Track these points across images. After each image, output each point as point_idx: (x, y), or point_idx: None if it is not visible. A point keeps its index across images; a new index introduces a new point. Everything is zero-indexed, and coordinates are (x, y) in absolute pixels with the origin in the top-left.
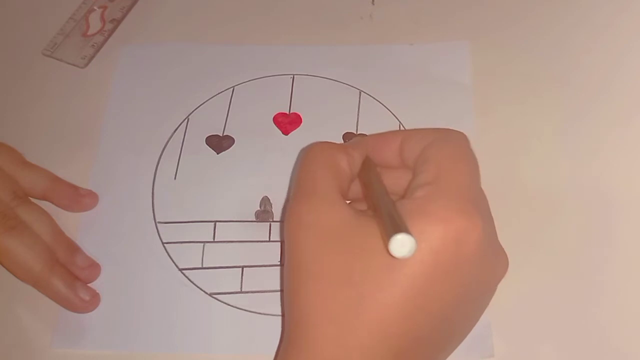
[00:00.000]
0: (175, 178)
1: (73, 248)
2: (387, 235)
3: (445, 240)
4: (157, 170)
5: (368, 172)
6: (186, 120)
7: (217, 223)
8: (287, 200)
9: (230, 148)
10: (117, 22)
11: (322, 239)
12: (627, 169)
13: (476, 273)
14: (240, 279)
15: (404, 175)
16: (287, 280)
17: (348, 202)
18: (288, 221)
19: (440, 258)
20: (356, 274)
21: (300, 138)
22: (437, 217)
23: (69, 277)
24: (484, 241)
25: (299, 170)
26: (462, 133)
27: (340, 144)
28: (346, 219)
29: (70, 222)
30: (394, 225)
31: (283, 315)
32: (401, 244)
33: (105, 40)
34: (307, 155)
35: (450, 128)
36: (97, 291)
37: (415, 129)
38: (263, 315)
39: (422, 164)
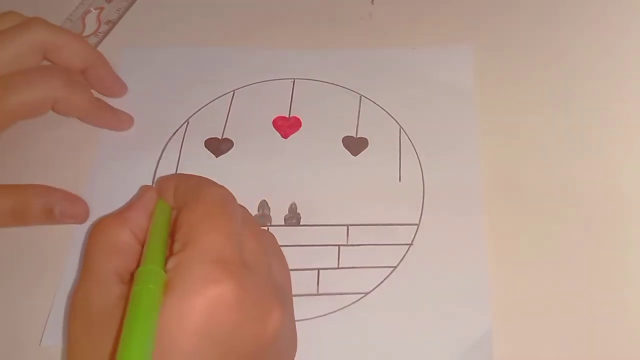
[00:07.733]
0: None
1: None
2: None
3: (199, 313)
4: (156, 173)
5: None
6: (186, 123)
7: None
8: None
9: (229, 151)
10: (112, 24)
11: (88, 324)
12: (630, 172)
13: (241, 334)
14: None
15: None
16: None
17: None
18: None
19: (199, 334)
20: None
21: (299, 142)
22: (184, 293)
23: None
24: (240, 301)
25: (84, 253)
26: (221, 189)
27: (121, 213)
28: (116, 301)
29: (68, 225)
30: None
31: None
32: None
33: (100, 41)
34: (89, 238)
35: (212, 183)
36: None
37: (188, 175)
38: None
39: (177, 230)
